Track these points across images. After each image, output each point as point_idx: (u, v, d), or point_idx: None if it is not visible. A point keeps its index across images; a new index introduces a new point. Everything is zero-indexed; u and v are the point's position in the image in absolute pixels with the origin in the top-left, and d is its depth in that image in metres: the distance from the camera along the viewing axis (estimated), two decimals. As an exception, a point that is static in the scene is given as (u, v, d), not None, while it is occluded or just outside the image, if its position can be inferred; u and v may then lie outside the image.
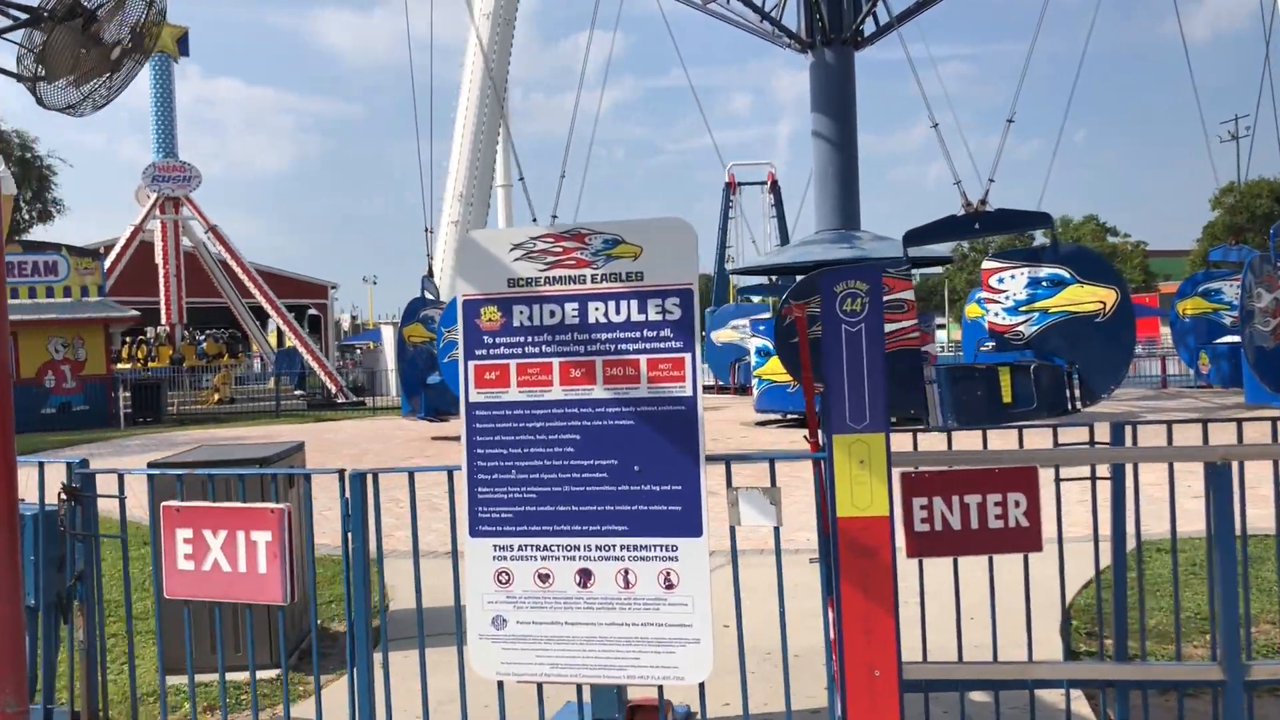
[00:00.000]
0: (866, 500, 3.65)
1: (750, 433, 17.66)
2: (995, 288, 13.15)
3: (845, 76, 18.81)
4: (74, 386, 27.95)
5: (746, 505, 3.82)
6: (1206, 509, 3.86)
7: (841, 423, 3.67)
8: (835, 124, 18.86)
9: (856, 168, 19.40)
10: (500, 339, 3.88)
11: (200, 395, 35.74)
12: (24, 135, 49.02)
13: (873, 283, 3.64)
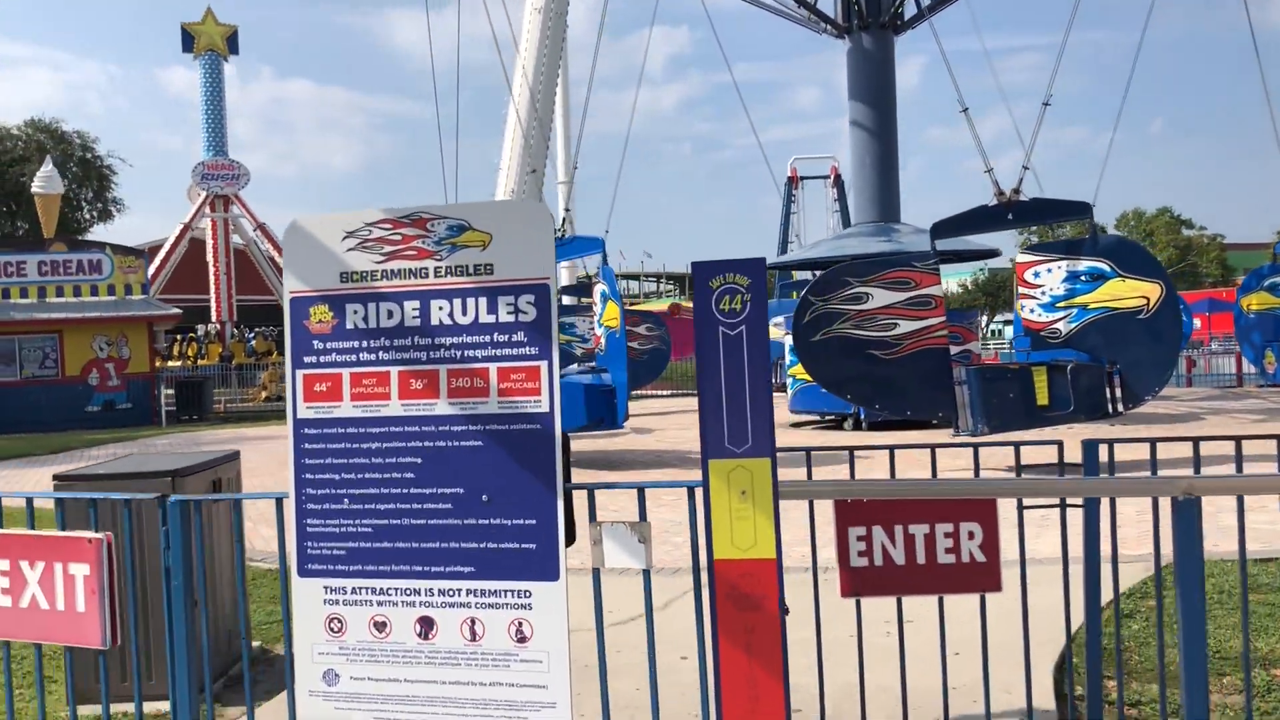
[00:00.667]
0: (749, 540, 3.01)
1: (784, 435, 16.91)
2: (1031, 282, 12.31)
3: (884, 62, 17.97)
4: (118, 384, 28.02)
5: (612, 543, 3.20)
6: (1172, 540, 3.15)
7: (718, 445, 3.02)
8: (873, 112, 18.03)
9: (896, 157, 18.55)
10: (331, 344, 3.30)
11: (249, 393, 35.80)
12: (85, 136, 49.74)
13: (755, 276, 2.99)
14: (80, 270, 28.27)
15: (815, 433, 16.81)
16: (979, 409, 11.67)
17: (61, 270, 28.03)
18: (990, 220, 12.29)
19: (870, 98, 18.03)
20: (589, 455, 14.70)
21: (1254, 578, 6.94)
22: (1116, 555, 3.98)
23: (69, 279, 28.07)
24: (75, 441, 20.37)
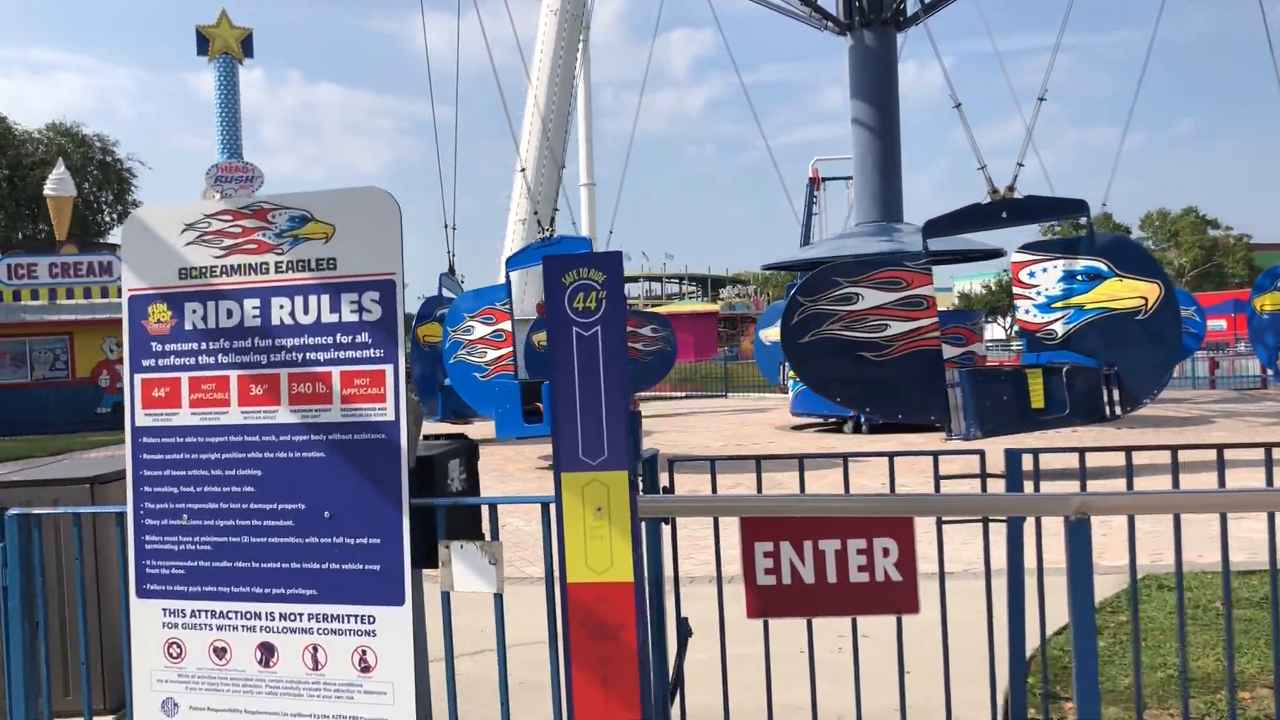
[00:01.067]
0: (605, 561, 2.73)
1: (782, 438, 16.63)
2: (1026, 282, 11.94)
3: (886, 60, 17.60)
4: (127, 386, 28.00)
5: (461, 565, 2.93)
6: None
7: (572, 457, 2.75)
8: (875, 110, 17.66)
9: (898, 157, 18.18)
10: (170, 346, 3.06)
11: (261, 395, 35.81)
12: (105, 139, 50.03)
13: (611, 272, 2.71)
14: (91, 272, 28.30)
15: (814, 436, 16.49)
16: (972, 412, 11.33)
17: (72, 272, 28.07)
18: (984, 219, 11.92)
19: (872, 95, 17.65)
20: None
21: (1234, 591, 6.59)
22: (1042, 572, 3.68)
23: (80, 281, 28.10)
24: (78, 444, 20.31)
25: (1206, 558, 7.38)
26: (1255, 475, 8.37)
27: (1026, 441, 12.53)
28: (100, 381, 27.68)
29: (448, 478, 3.97)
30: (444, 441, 4.19)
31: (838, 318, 11.71)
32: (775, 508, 3.44)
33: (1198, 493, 3.15)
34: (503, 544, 2.99)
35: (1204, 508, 3.24)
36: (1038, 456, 3.66)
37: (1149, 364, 11.46)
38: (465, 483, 4.24)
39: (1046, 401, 11.55)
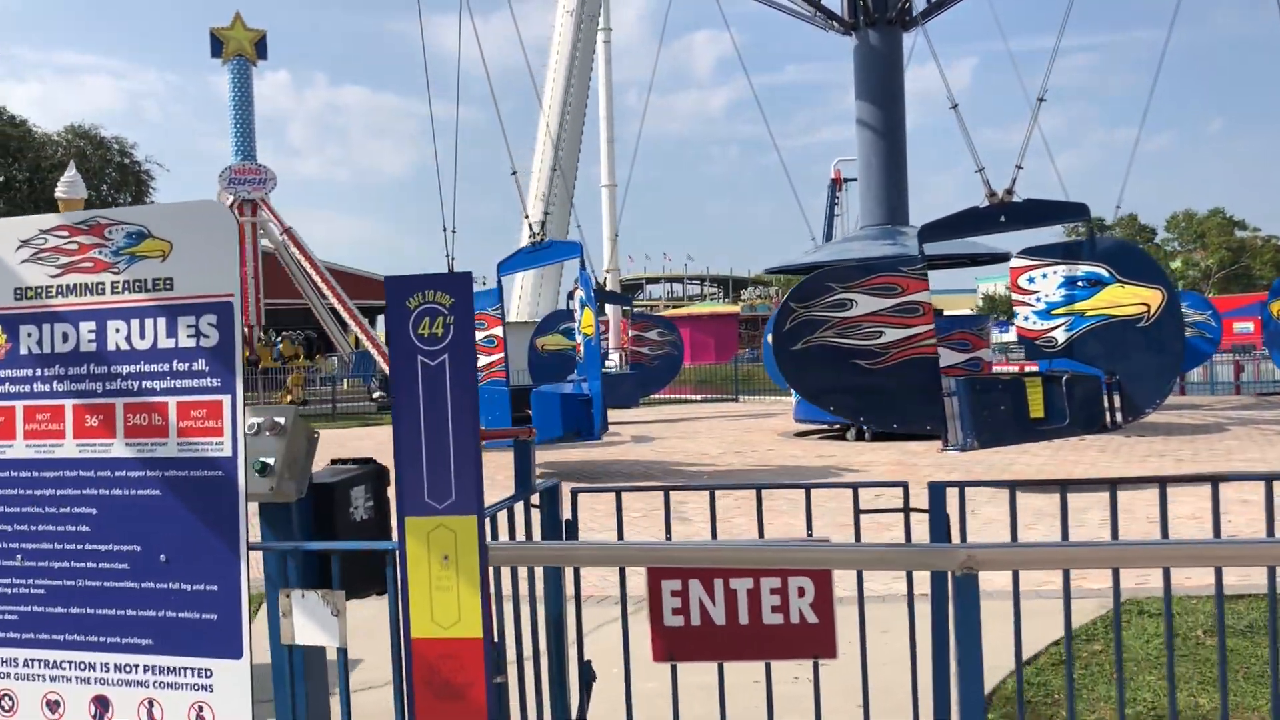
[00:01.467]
0: (451, 615, 2.46)
1: (781, 445, 16.33)
2: (1025, 288, 11.62)
3: (891, 60, 17.27)
4: (137, 389, 28.03)
5: (301, 615, 2.67)
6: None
7: (416, 500, 2.49)
8: (880, 111, 17.32)
9: (904, 159, 17.84)
10: (4, 371, 2.82)
11: (274, 397, 35.76)
12: (123, 141, 50.22)
13: (460, 295, 2.45)
14: (99, 275, 28.32)
15: (815, 443, 16.18)
16: (969, 422, 11.01)
17: (81, 275, 28.10)
18: (982, 222, 11.60)
19: (877, 96, 17.32)
20: (574, 465, 14.22)
21: (1213, 618, 6.27)
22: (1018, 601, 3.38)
23: (88, 284, 28.12)
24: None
25: (1194, 580, 7.06)
26: (1243, 505, 8.01)
27: (958, 475, 12.25)
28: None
29: (349, 506, 3.73)
30: (350, 467, 3.95)
31: (831, 324, 11.42)
32: (619, 556, 3.17)
33: (1090, 545, 2.87)
34: (344, 593, 2.73)
35: (1095, 562, 2.96)
36: (964, 491, 3.37)
37: (1151, 372, 11.12)
38: (372, 511, 3.99)
39: (1046, 411, 11.22)
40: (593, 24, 48.93)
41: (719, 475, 12.99)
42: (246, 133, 38.58)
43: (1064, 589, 3.07)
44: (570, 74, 48.35)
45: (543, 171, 48.36)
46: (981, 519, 9.36)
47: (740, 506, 10.27)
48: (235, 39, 38.44)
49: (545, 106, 49.40)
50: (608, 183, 47.47)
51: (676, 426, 20.59)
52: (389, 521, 4.06)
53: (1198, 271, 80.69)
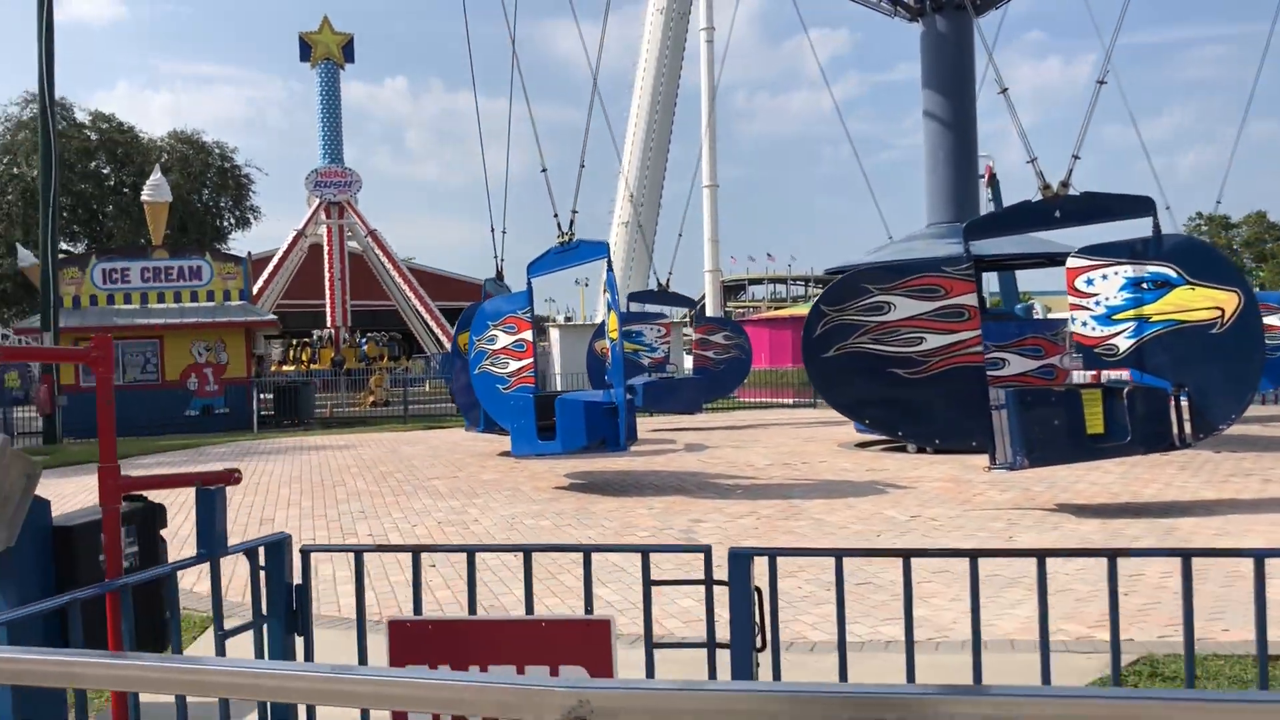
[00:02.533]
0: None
1: (836, 457, 15.41)
2: (1083, 291, 10.56)
3: (960, 47, 16.18)
4: (216, 389, 28.32)
5: None
6: None
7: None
8: (948, 101, 16.26)
9: (974, 152, 16.74)
10: None
11: (357, 398, 35.93)
12: (223, 146, 51.25)
13: None
14: (181, 276, 28.72)
15: (875, 455, 15.22)
16: (1018, 438, 10.03)
17: (163, 276, 28.53)
18: (1034, 218, 10.59)
19: (944, 86, 16.26)
20: (605, 475, 13.57)
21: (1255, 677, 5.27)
22: None
23: (170, 285, 28.54)
24: (151, 447, 20.39)
25: (1235, 634, 6.05)
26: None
27: (764, 540, 11.17)
28: (189, 385, 28.04)
29: (97, 554, 3.13)
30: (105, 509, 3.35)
31: (866, 329, 10.56)
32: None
33: (734, 691, 2.01)
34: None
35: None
36: (774, 560, 2.61)
37: (1226, 384, 9.99)
38: (138, 557, 3.39)
39: (1106, 426, 10.17)
40: (683, 22, 48.22)
41: (753, 490, 12.20)
42: (334, 136, 38.98)
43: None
44: (659, 73, 47.66)
45: (630, 171, 47.79)
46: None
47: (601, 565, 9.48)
48: (323, 43, 38.87)
49: (634, 106, 48.91)
50: (709, 183, 46.72)
51: (737, 434, 19.78)
52: (156, 563, 3.47)
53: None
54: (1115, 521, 9.55)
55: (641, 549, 2.82)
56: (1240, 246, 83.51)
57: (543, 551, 2.96)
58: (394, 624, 2.62)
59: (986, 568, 7.85)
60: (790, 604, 6.72)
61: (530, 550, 3.00)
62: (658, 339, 21.28)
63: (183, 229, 48.56)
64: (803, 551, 2.87)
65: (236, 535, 10.26)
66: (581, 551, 2.95)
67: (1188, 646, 3.25)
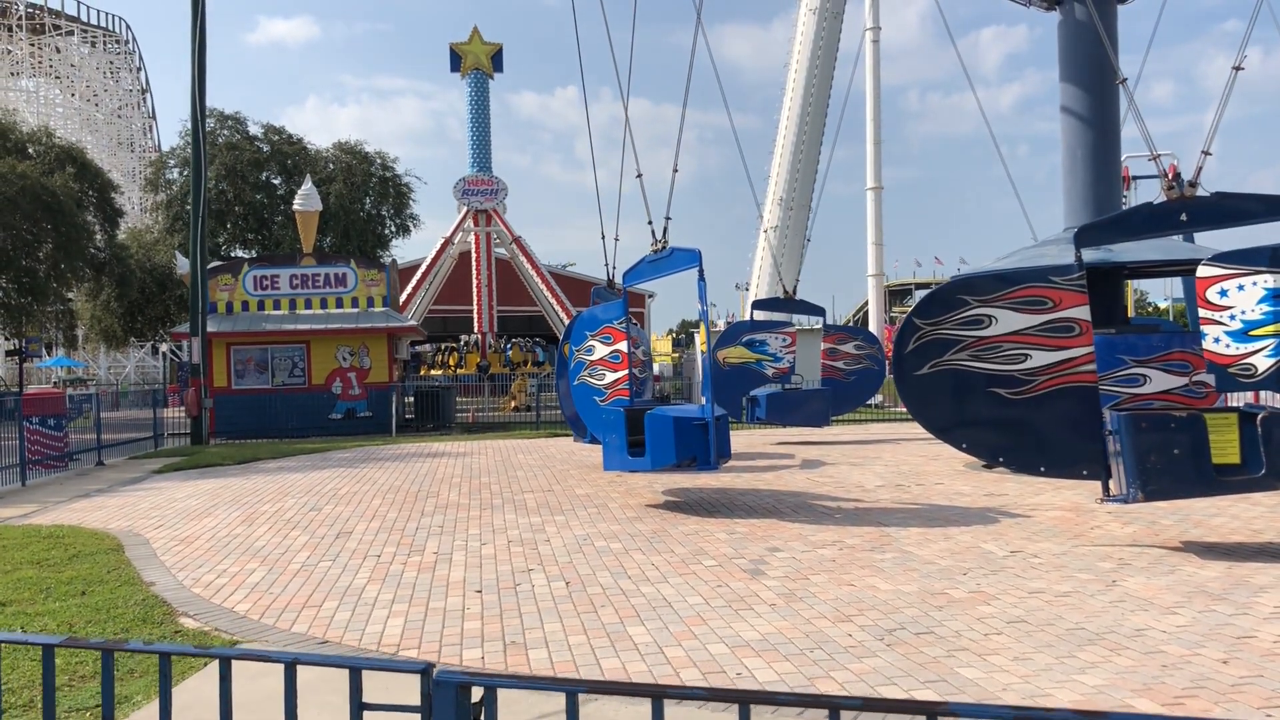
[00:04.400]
0: None
1: (955, 479, 14.40)
2: (1215, 303, 9.40)
3: (1101, 36, 14.91)
4: (359, 393, 28.97)
5: None
6: None
7: None
8: (1089, 96, 14.98)
9: (1117, 151, 15.37)
10: None
11: (500, 402, 36.29)
12: (384, 156, 52.75)
13: None
14: (327, 283, 29.50)
15: (998, 478, 14.11)
16: (1132, 468, 8.99)
17: (310, 283, 29.37)
18: (1156, 222, 9.46)
19: (1085, 79, 14.98)
20: (704, 492, 12.97)
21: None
22: None
23: (316, 292, 29.36)
24: (282, 450, 20.88)
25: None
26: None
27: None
28: (334, 388, 28.76)
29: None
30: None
31: (965, 345, 9.69)
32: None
33: None
34: None
35: None
36: (495, 695, 2.03)
37: (1382, 413, 8.70)
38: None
39: (1240, 456, 9.02)
40: (836, 22, 47.03)
41: (852, 515, 11.40)
42: (483, 145, 39.51)
43: None
44: (810, 75, 46.61)
45: (780, 175, 46.87)
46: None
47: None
48: (473, 53, 39.43)
49: (784, 109, 47.95)
50: (873, 185, 45.50)
51: (861, 450, 18.85)
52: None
53: None
54: (1246, 565, 8.43)
55: (351, 664, 2.25)
56: None
57: (241, 659, 2.44)
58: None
59: (1072, 618, 6.98)
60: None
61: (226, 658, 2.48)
62: (783, 348, 20.49)
63: (345, 236, 50.23)
64: (528, 683, 2.25)
65: (313, 547, 10.17)
66: (282, 662, 2.37)
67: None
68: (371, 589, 8.35)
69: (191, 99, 24.55)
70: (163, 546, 10.43)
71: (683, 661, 6.18)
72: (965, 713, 1.70)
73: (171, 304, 41.25)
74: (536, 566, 9.04)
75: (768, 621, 7.05)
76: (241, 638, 6.98)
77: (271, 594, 8.25)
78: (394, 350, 30.60)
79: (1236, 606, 7.15)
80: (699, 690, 1.76)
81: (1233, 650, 6.14)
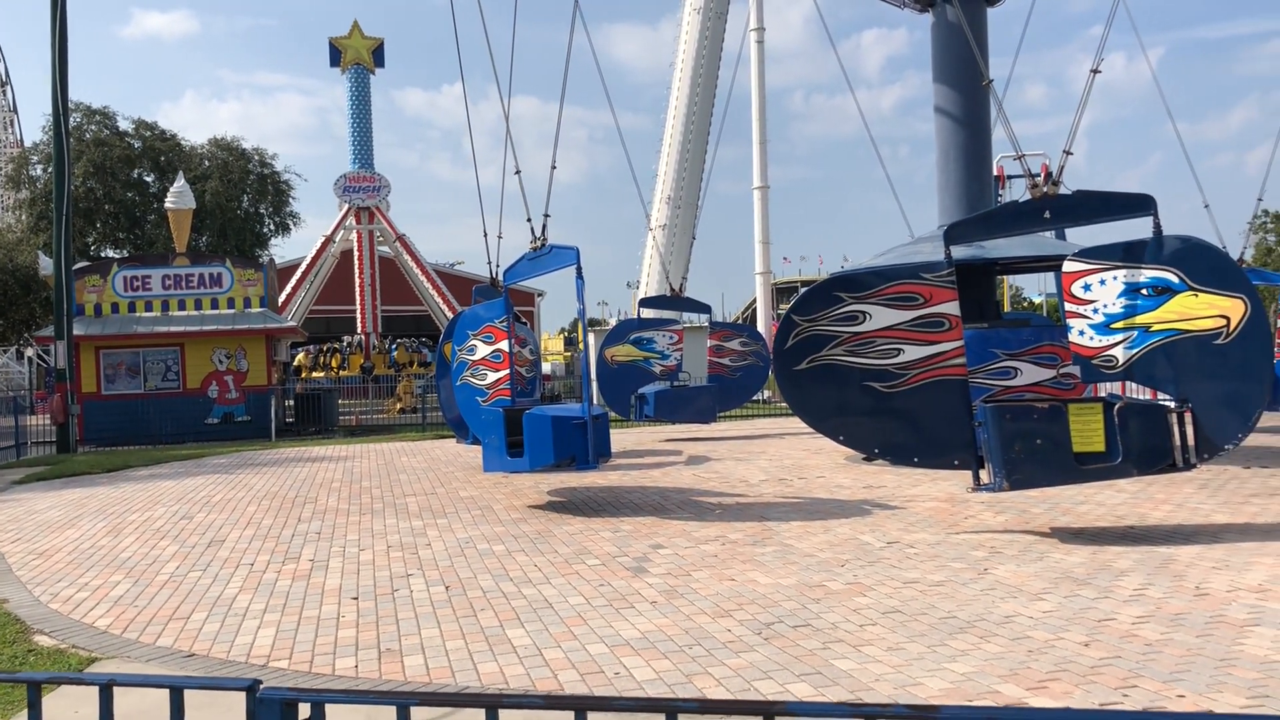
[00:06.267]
0: None
1: (836, 472, 14.65)
2: (1080, 297, 9.73)
3: (973, 38, 15.32)
4: (236, 397, 28.16)
5: None
6: None
7: None
8: (961, 97, 15.38)
9: (988, 150, 15.83)
10: None
11: (385, 404, 35.68)
12: (262, 153, 51.53)
13: None
14: (202, 284, 28.59)
15: (878, 471, 14.39)
16: (998, 458, 9.24)
17: (184, 284, 28.44)
18: (1022, 219, 9.77)
19: (956, 80, 15.38)
20: (589, 491, 12.93)
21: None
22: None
23: (191, 292, 28.45)
24: (155, 457, 20.15)
25: (1189, 701, 5.22)
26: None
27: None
28: (210, 392, 27.90)
29: None
30: None
31: (841, 340, 9.84)
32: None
33: None
34: None
35: None
36: (323, 712, 1.95)
37: (1231, 400, 9.14)
38: None
39: (1097, 445, 9.35)
40: (720, 22, 47.45)
41: (735, 510, 11.49)
42: (365, 141, 38.75)
43: None
44: (696, 75, 46.91)
45: (668, 174, 47.09)
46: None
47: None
48: (353, 48, 38.66)
49: (672, 107, 48.17)
50: (759, 184, 45.92)
51: (747, 445, 19.04)
52: None
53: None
54: (1109, 550, 8.73)
55: (172, 684, 2.15)
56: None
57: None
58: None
59: (944, 607, 7.14)
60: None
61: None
62: (670, 346, 20.58)
63: (222, 235, 48.79)
64: (356, 697, 2.19)
65: (183, 556, 9.81)
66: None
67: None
68: (243, 599, 8.10)
69: (53, 92, 23.52)
70: (19, 561, 9.95)
71: (561, 663, 6.13)
72: (800, 711, 1.70)
73: (37, 306, 39.52)
74: (416, 571, 8.88)
75: (648, 619, 7.04)
76: (101, 654, 6.69)
77: (136, 607, 7.94)
78: (273, 352, 29.84)
79: (1099, 590, 7.40)
80: (535, 699, 1.72)
81: (1094, 633, 6.35)
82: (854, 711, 1.73)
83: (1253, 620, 6.51)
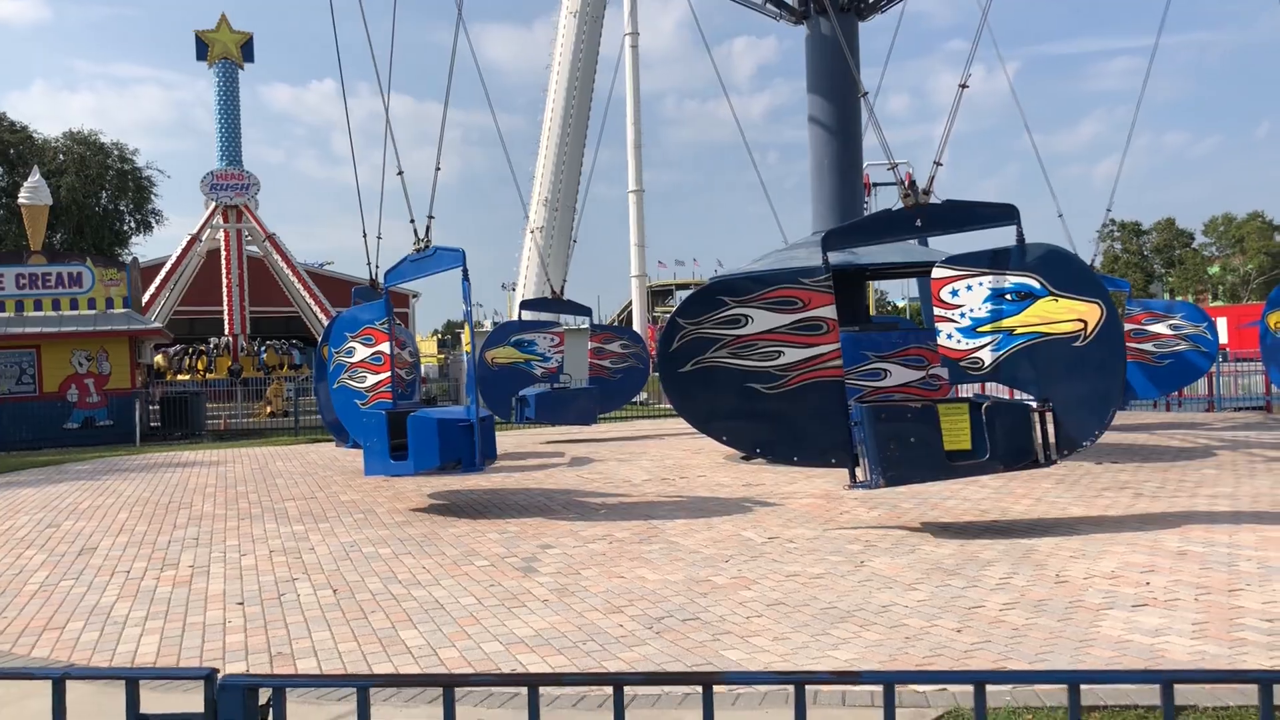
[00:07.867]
0: None
1: (716, 471, 14.96)
2: (948, 302, 10.20)
3: (845, 51, 15.86)
4: (98, 401, 27.09)
5: None
6: None
7: None
8: (833, 107, 15.92)
9: (859, 158, 16.42)
10: None
11: (254, 408, 34.76)
12: (122, 147, 49.66)
13: None
14: (60, 283, 27.43)
15: (756, 469, 14.77)
16: (874, 457, 9.63)
17: (40, 283, 27.24)
18: (894, 227, 10.21)
19: (829, 91, 15.93)
20: (472, 494, 12.94)
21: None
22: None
23: (48, 292, 27.27)
24: (10, 464, 19.27)
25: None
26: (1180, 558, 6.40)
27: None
28: (69, 396, 26.80)
29: None
30: None
31: (724, 343, 10.09)
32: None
33: None
34: None
35: None
36: (280, 696, 2.04)
37: (1088, 399, 9.69)
38: None
39: (965, 443, 9.82)
40: (596, 26, 47.69)
41: (619, 509, 11.66)
42: (233, 137, 37.72)
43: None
44: (573, 78, 47.04)
45: (545, 176, 47.12)
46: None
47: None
48: (221, 42, 37.60)
49: (548, 109, 48.22)
50: (634, 188, 46.16)
51: (629, 446, 19.27)
52: None
53: (1236, 277, 78.25)
54: (975, 543, 9.18)
55: (128, 675, 2.20)
56: (1151, 252, 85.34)
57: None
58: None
59: (825, 598, 7.44)
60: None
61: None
62: (551, 348, 20.66)
63: (79, 233, 46.84)
64: (317, 681, 2.28)
65: (52, 565, 9.49)
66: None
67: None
68: (122, 606, 7.91)
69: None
70: (-126, 573, 9.48)
71: (457, 662, 6.19)
72: (736, 680, 1.86)
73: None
74: (301, 575, 8.80)
75: (541, 617, 7.15)
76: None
77: (5, 618, 7.68)
78: (137, 354, 28.82)
79: (968, 580, 7.80)
80: (489, 677, 1.81)
81: (965, 620, 6.71)
82: (784, 678, 1.90)
83: (1107, 604, 6.97)
